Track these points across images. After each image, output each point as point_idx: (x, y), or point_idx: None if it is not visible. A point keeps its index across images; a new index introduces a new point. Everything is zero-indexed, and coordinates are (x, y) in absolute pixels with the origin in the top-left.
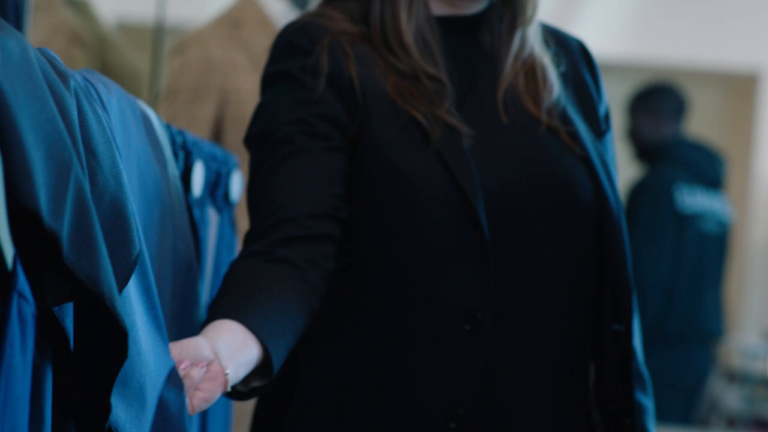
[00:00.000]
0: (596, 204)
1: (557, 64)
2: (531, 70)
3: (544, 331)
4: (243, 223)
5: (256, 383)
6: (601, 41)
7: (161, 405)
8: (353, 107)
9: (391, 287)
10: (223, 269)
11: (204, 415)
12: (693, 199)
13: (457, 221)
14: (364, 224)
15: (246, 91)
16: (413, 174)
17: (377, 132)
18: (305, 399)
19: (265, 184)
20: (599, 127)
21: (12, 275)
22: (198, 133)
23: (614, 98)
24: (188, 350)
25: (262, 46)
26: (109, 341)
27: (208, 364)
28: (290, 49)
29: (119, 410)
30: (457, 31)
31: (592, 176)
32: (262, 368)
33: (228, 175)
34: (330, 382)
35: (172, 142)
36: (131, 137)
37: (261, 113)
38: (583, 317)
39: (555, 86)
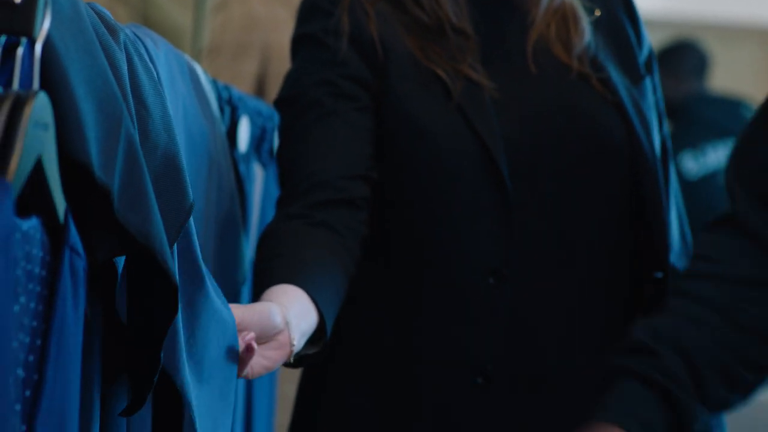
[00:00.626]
0: (629, 150)
1: (590, 10)
2: (561, 16)
3: (572, 283)
4: None
5: (307, 351)
6: None
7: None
8: (375, 66)
9: (415, 242)
10: None
11: (249, 403)
12: (709, 159)
13: (479, 174)
14: (386, 181)
15: (288, 47)
16: (434, 129)
17: (398, 89)
18: (339, 362)
19: (296, 148)
20: (637, 72)
21: (64, 229)
22: (241, 89)
23: None
24: (262, 316)
25: None
26: (159, 296)
27: (276, 333)
28: (313, 10)
29: (184, 370)
30: None
31: (625, 122)
32: (314, 336)
33: (273, 130)
34: (360, 341)
35: (218, 98)
36: (178, 92)
37: (289, 77)
38: (617, 267)
39: (586, 32)
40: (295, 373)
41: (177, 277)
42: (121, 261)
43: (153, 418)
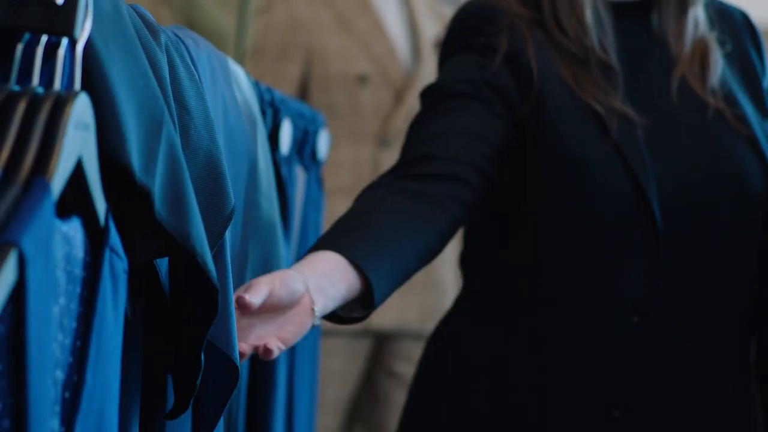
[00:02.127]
0: (764, 185)
1: (722, 43)
2: (699, 51)
3: (711, 323)
4: (330, 182)
5: (356, 314)
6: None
7: None
8: (528, 90)
9: (563, 273)
10: (311, 227)
11: (290, 403)
12: None
13: (631, 212)
14: (540, 211)
15: (331, 50)
16: (592, 165)
17: (556, 120)
18: (467, 371)
19: (419, 129)
20: (765, 104)
21: (104, 230)
22: (284, 91)
23: None
24: (282, 283)
25: (347, 4)
26: (199, 298)
27: (300, 297)
28: (470, 29)
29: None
30: (627, 15)
31: (760, 158)
32: (363, 299)
33: (315, 133)
34: (493, 359)
35: (261, 100)
36: (220, 94)
37: (438, 76)
38: (747, 301)
39: (719, 66)
40: (337, 377)
41: (216, 279)
42: (163, 263)
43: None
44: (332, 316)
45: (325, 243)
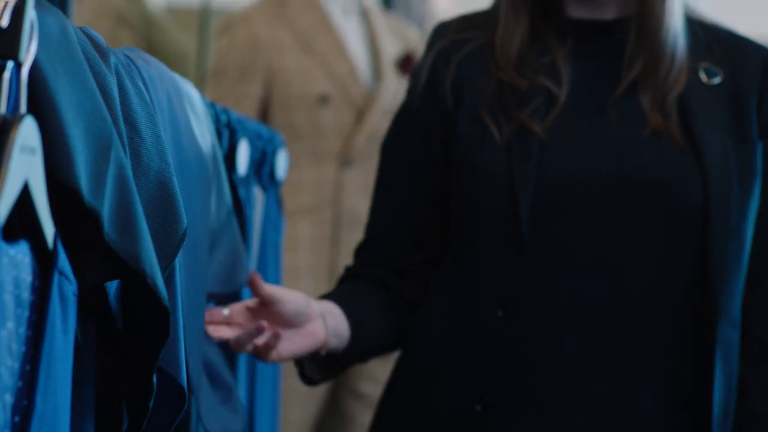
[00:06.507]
0: (701, 205)
1: (710, 73)
2: (666, 73)
3: (582, 322)
4: (291, 203)
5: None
6: None
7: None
8: (446, 113)
9: (453, 267)
10: (269, 248)
11: (252, 425)
12: None
13: (502, 213)
14: (452, 213)
15: (292, 70)
16: (477, 166)
17: (460, 131)
18: (394, 383)
19: (374, 196)
20: (749, 135)
21: (53, 254)
22: (245, 112)
23: None
24: (298, 297)
25: (308, 24)
26: (150, 321)
27: (307, 321)
28: (426, 46)
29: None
30: (590, 34)
31: (702, 175)
32: (336, 358)
33: (274, 153)
34: (399, 364)
35: (217, 121)
36: (173, 115)
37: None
38: (644, 314)
39: (678, 88)
40: (300, 397)
41: (167, 301)
42: (112, 286)
43: None
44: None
45: (326, 296)
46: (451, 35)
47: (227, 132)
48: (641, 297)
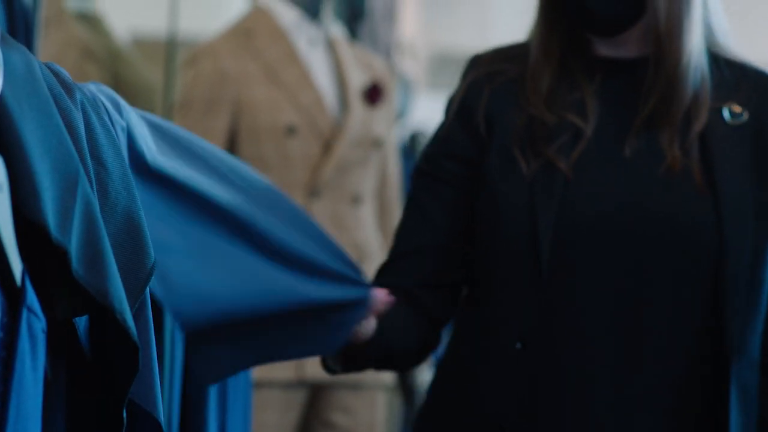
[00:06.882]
0: (715, 248)
1: (734, 113)
2: (688, 111)
3: (596, 359)
4: None
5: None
6: None
7: None
8: (479, 141)
9: (472, 300)
10: None
11: (223, 426)
12: None
13: (524, 246)
14: (476, 243)
15: (259, 101)
16: (501, 198)
17: (489, 162)
18: (426, 407)
19: (403, 214)
20: None
21: (21, 290)
22: (212, 144)
23: None
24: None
25: (274, 55)
26: (120, 355)
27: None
28: (460, 77)
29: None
30: (617, 72)
31: (719, 217)
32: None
33: None
34: (431, 388)
35: None
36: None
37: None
38: (658, 354)
39: (699, 126)
40: (272, 430)
41: (136, 335)
42: (81, 321)
43: None
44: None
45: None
46: (485, 67)
47: None
48: (656, 335)
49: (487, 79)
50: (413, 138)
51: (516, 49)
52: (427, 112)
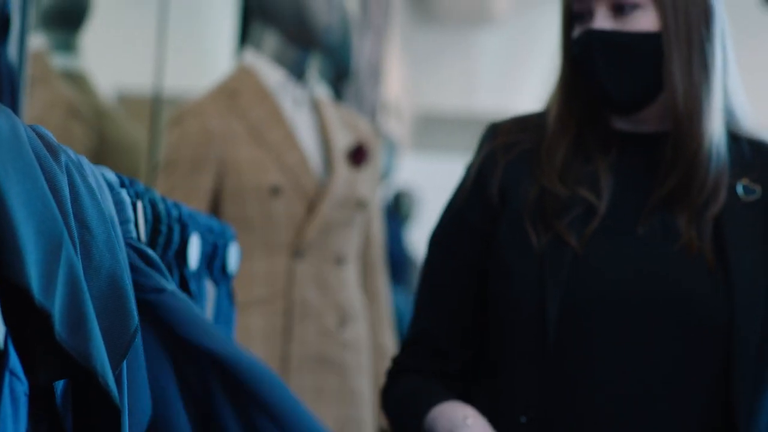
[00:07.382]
0: (726, 332)
1: (748, 190)
2: (695, 185)
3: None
4: (244, 295)
5: None
6: None
7: None
8: (492, 213)
9: (483, 371)
10: None
11: None
12: None
13: (531, 321)
14: (488, 314)
15: (244, 162)
16: (511, 272)
17: (501, 234)
18: None
19: (418, 293)
20: None
21: (3, 353)
22: (196, 204)
23: None
24: None
25: (259, 116)
26: (101, 419)
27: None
28: (477, 146)
29: None
30: (633, 147)
31: (730, 303)
32: None
33: (225, 246)
34: None
35: (168, 216)
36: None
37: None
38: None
39: (717, 204)
40: None
41: (118, 399)
42: (59, 384)
43: None
44: None
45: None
46: (502, 137)
47: (178, 227)
48: (664, 415)
49: (504, 150)
50: (397, 198)
51: (534, 118)
52: (412, 173)
